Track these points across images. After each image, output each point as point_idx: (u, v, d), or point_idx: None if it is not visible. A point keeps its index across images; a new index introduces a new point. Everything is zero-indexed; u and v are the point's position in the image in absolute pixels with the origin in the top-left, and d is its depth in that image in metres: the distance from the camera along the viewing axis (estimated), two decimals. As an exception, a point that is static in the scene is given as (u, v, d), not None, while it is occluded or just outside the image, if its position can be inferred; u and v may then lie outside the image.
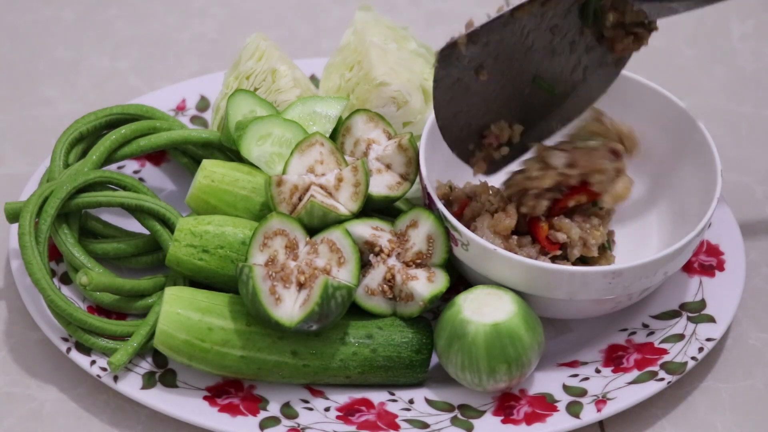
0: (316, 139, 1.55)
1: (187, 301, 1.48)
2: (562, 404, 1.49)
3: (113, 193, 1.57)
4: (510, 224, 1.53)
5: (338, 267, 1.48)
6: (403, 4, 2.00)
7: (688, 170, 1.60)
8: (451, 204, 1.58)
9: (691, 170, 1.60)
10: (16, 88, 1.86)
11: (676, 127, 1.61)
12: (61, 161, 1.60)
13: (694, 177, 1.59)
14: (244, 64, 1.66)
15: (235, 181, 1.56)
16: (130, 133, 1.62)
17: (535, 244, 1.54)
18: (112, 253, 1.58)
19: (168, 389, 1.50)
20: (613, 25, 1.55)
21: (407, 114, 1.63)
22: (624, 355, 1.54)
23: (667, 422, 1.52)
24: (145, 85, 1.87)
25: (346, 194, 1.53)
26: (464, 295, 1.49)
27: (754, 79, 1.90)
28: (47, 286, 1.49)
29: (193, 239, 1.52)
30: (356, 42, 1.67)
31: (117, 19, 1.96)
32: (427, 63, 1.68)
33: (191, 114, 1.76)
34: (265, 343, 1.48)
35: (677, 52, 1.94)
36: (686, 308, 1.58)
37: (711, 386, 1.55)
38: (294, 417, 1.48)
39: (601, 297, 1.49)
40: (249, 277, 1.44)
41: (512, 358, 1.46)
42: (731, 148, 1.80)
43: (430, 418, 1.49)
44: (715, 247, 1.63)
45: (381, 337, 1.51)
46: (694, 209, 1.57)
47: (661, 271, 1.49)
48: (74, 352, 1.51)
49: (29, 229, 1.51)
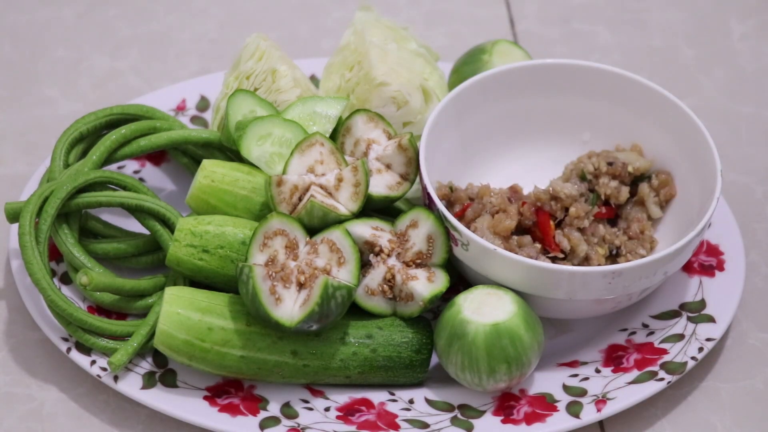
0: (316, 139, 1.55)
1: (187, 301, 1.48)
2: (562, 404, 1.49)
3: (113, 193, 1.57)
4: (510, 225, 1.53)
5: (338, 267, 1.48)
6: (403, 4, 2.00)
7: (688, 170, 1.60)
8: (453, 205, 1.58)
9: (691, 170, 1.60)
10: (16, 88, 1.86)
11: (676, 127, 1.61)
12: (61, 161, 1.60)
13: (694, 177, 1.59)
14: (244, 64, 1.66)
15: (235, 181, 1.56)
16: (130, 133, 1.63)
17: (535, 243, 1.55)
18: (112, 253, 1.58)
19: (168, 389, 1.50)
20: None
21: (407, 114, 1.63)
22: (624, 355, 1.54)
23: (667, 422, 1.52)
24: (145, 85, 1.87)
25: (346, 194, 1.53)
26: (464, 295, 1.49)
27: (754, 79, 1.90)
28: (47, 286, 1.49)
29: (193, 239, 1.52)
30: (356, 42, 1.67)
31: (117, 19, 1.96)
32: (427, 63, 1.68)
33: (191, 114, 1.76)
34: (265, 343, 1.48)
35: (677, 52, 1.94)
36: (686, 308, 1.58)
37: (711, 386, 1.55)
38: (294, 417, 1.48)
39: (601, 297, 1.49)
40: (249, 277, 1.44)
41: (512, 358, 1.46)
42: (731, 148, 1.80)
43: (430, 418, 1.49)
44: (715, 247, 1.63)
45: (381, 337, 1.51)
46: (694, 209, 1.57)
47: (661, 271, 1.49)
48: (74, 352, 1.51)
49: (29, 229, 1.51)
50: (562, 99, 1.66)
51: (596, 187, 1.59)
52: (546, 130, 1.67)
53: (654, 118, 1.62)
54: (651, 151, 1.64)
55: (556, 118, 1.67)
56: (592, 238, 1.56)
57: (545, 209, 1.55)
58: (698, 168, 1.58)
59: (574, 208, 1.55)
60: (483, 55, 1.71)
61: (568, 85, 1.65)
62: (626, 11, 1.99)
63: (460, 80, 1.68)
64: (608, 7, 2.00)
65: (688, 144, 1.60)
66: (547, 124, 1.67)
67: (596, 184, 1.59)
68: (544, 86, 1.65)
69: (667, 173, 1.62)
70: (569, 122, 1.66)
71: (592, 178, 1.60)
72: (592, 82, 1.64)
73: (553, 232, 1.54)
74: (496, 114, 1.66)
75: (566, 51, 1.94)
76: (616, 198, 1.59)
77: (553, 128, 1.67)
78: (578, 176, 1.60)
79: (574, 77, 1.64)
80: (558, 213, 1.55)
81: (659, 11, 1.99)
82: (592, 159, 1.61)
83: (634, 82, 1.62)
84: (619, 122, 1.65)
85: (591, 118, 1.66)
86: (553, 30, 1.97)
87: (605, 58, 1.93)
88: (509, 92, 1.65)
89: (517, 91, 1.65)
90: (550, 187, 1.56)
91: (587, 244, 1.55)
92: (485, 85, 1.63)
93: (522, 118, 1.67)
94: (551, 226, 1.55)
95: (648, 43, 1.95)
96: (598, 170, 1.60)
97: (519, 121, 1.67)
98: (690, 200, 1.59)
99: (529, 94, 1.66)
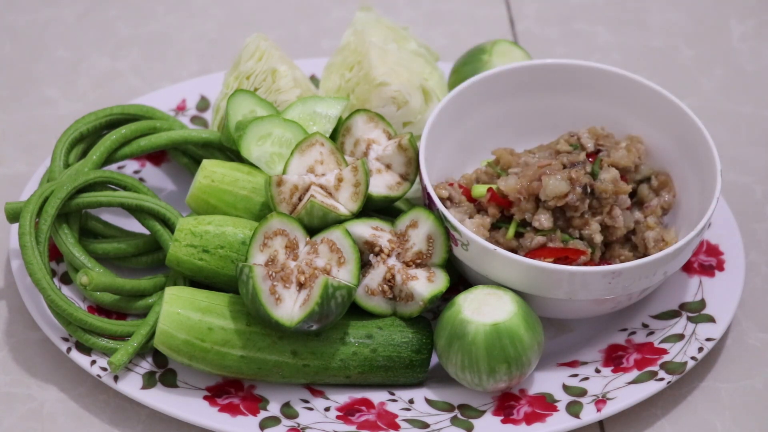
0: (316, 139, 1.56)
1: (187, 301, 1.48)
2: (562, 404, 1.50)
3: (113, 193, 1.57)
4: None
5: (338, 267, 1.48)
6: (403, 4, 2.00)
7: (688, 170, 1.60)
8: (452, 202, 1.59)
9: (691, 170, 1.60)
10: (16, 88, 1.86)
11: (676, 127, 1.61)
12: (61, 161, 1.60)
13: (694, 177, 1.59)
14: (244, 64, 1.66)
15: (235, 181, 1.56)
16: (130, 133, 1.63)
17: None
18: (113, 253, 1.58)
19: (168, 389, 1.50)
20: None
21: (407, 114, 1.63)
22: (624, 355, 1.54)
23: (667, 422, 1.52)
24: (145, 85, 1.87)
25: (346, 194, 1.53)
26: (464, 295, 1.49)
27: (754, 79, 1.90)
28: (47, 286, 1.49)
29: (193, 239, 1.52)
30: (356, 42, 1.67)
31: (117, 19, 1.96)
32: (427, 63, 1.68)
33: (191, 114, 1.76)
34: (265, 343, 1.48)
35: (677, 52, 1.94)
36: (686, 308, 1.58)
37: (711, 386, 1.55)
38: (294, 417, 1.48)
39: (601, 297, 1.49)
40: (249, 277, 1.44)
41: (512, 358, 1.46)
42: (731, 148, 1.80)
43: (430, 418, 1.49)
44: (714, 247, 1.63)
45: (381, 337, 1.51)
46: (694, 209, 1.57)
47: (661, 270, 1.50)
48: (74, 352, 1.51)
49: (30, 229, 1.51)
50: (562, 99, 1.66)
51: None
52: (546, 130, 1.67)
53: (654, 118, 1.62)
54: (651, 151, 1.64)
55: (556, 118, 1.67)
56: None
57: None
58: (698, 168, 1.58)
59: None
60: (483, 55, 1.71)
61: (568, 85, 1.65)
62: (626, 11, 1.99)
63: (460, 80, 1.68)
64: (608, 7, 2.00)
65: (688, 144, 1.60)
66: (547, 124, 1.67)
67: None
68: (544, 86, 1.65)
69: (666, 174, 1.62)
70: (569, 122, 1.66)
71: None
72: (592, 82, 1.64)
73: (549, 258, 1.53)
74: (496, 114, 1.66)
75: (566, 51, 1.94)
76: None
77: (552, 128, 1.67)
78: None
79: (574, 77, 1.64)
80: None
81: (659, 11, 1.99)
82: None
83: (634, 82, 1.62)
84: (619, 122, 1.65)
85: (591, 118, 1.66)
86: (553, 30, 1.97)
87: (605, 58, 1.93)
88: (509, 92, 1.65)
89: (517, 91, 1.65)
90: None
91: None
92: (485, 85, 1.63)
93: (522, 118, 1.67)
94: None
95: (648, 43, 1.95)
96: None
97: (519, 121, 1.67)
98: (690, 200, 1.59)
99: (529, 94, 1.66)
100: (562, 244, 1.51)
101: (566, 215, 1.52)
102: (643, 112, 1.63)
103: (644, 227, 1.56)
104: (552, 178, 1.50)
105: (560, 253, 1.50)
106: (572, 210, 1.52)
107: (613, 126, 1.65)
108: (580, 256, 1.50)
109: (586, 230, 1.52)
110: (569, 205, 1.51)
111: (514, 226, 1.53)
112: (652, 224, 1.55)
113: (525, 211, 1.52)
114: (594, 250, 1.53)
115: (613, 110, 1.64)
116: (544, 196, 1.50)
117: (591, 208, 1.53)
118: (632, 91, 1.63)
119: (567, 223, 1.52)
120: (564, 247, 1.50)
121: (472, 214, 1.55)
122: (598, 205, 1.53)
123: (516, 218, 1.53)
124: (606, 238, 1.54)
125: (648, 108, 1.63)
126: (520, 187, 1.52)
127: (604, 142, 1.59)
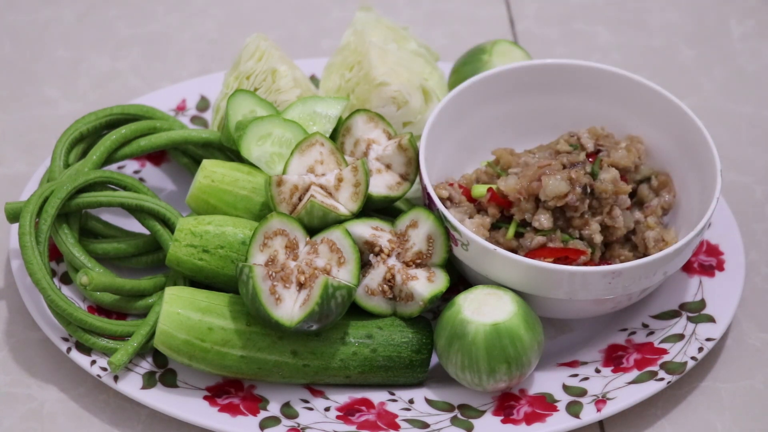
0: (316, 139, 1.56)
1: (187, 301, 1.48)
2: (562, 404, 1.49)
3: (113, 193, 1.57)
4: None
5: (338, 267, 1.48)
6: (403, 4, 2.00)
7: (688, 170, 1.60)
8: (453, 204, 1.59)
9: (691, 170, 1.60)
10: (16, 88, 1.86)
11: (676, 127, 1.61)
12: (61, 161, 1.60)
13: (694, 177, 1.59)
14: (244, 64, 1.66)
15: (235, 181, 1.56)
16: (130, 133, 1.63)
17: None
18: (113, 253, 1.58)
19: (168, 389, 1.50)
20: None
21: (407, 114, 1.63)
22: (624, 355, 1.54)
23: (667, 422, 1.52)
24: (145, 85, 1.87)
25: (346, 194, 1.53)
26: (464, 295, 1.49)
27: (754, 79, 1.90)
28: (47, 286, 1.49)
29: (193, 239, 1.52)
30: (356, 42, 1.67)
31: (117, 19, 1.96)
32: (427, 63, 1.68)
33: (191, 114, 1.76)
34: (265, 343, 1.48)
35: (677, 52, 1.94)
36: (686, 308, 1.58)
37: (711, 386, 1.55)
38: (294, 417, 1.48)
39: (601, 297, 1.49)
40: (249, 277, 1.44)
41: (512, 358, 1.46)
42: (731, 148, 1.80)
43: (430, 418, 1.49)
44: (714, 247, 1.63)
45: (381, 337, 1.51)
46: (694, 209, 1.57)
47: (661, 271, 1.49)
48: (74, 352, 1.51)
49: (30, 229, 1.51)
50: (562, 99, 1.66)
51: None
52: (546, 130, 1.67)
53: (654, 118, 1.62)
54: (651, 151, 1.64)
55: (556, 118, 1.67)
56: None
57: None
58: (698, 168, 1.58)
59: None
60: (483, 55, 1.71)
61: (568, 85, 1.65)
62: (626, 11, 1.99)
63: (460, 80, 1.68)
64: (608, 7, 2.00)
65: (688, 144, 1.60)
66: (546, 124, 1.67)
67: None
68: (544, 86, 1.65)
69: (666, 174, 1.62)
70: (569, 122, 1.66)
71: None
72: (592, 82, 1.64)
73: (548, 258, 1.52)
74: (496, 114, 1.66)
75: (566, 51, 1.94)
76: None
77: (552, 128, 1.67)
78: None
79: (574, 77, 1.64)
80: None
81: (659, 11, 1.99)
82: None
83: (634, 82, 1.62)
84: (619, 122, 1.65)
85: (591, 118, 1.66)
86: (553, 30, 1.97)
87: (605, 58, 1.93)
88: (509, 92, 1.65)
89: (517, 91, 1.65)
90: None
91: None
92: (485, 85, 1.63)
93: (522, 118, 1.67)
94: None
95: (648, 43, 1.95)
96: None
97: (519, 121, 1.67)
98: (690, 200, 1.59)
99: (529, 94, 1.66)
100: (562, 244, 1.51)
101: (566, 215, 1.52)
102: (643, 112, 1.63)
103: (644, 227, 1.56)
104: (552, 178, 1.50)
105: (560, 253, 1.50)
106: (572, 210, 1.52)
107: (613, 126, 1.65)
108: (580, 256, 1.50)
109: (586, 230, 1.52)
110: (569, 205, 1.51)
111: (514, 226, 1.53)
112: (652, 224, 1.56)
113: (525, 211, 1.52)
114: (594, 250, 1.53)
115: (613, 110, 1.64)
116: (544, 196, 1.50)
117: (591, 208, 1.53)
118: (632, 91, 1.63)
119: (567, 223, 1.52)
120: (564, 247, 1.50)
121: (472, 214, 1.55)
122: (598, 205, 1.53)
123: (516, 218, 1.53)
124: (606, 238, 1.54)
125: (648, 108, 1.63)
126: (520, 187, 1.52)
127: (604, 142, 1.59)
